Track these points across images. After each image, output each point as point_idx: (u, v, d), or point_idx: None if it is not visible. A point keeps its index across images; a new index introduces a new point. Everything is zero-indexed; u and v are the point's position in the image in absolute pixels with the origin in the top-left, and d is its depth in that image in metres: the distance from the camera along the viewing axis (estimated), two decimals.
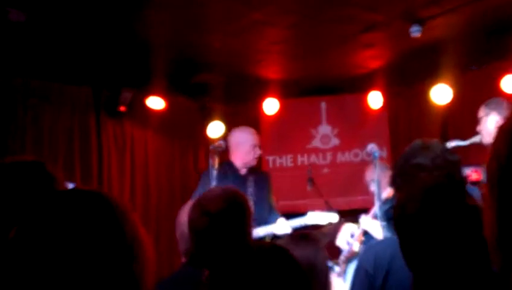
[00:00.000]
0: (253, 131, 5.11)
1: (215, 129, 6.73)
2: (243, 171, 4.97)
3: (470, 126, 4.77)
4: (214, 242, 2.43)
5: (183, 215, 2.84)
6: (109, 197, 1.29)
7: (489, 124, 4.43)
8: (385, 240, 3.16)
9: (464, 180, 2.72)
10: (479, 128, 4.53)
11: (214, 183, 4.62)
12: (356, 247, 4.97)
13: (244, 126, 5.19)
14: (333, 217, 4.82)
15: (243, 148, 4.94)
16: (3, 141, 5.62)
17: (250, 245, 2.49)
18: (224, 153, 5.05)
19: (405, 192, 1.96)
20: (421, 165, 2.41)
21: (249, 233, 2.52)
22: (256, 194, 4.85)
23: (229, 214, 2.46)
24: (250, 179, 4.93)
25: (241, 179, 4.89)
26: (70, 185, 5.16)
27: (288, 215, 4.92)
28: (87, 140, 6.29)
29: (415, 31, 5.19)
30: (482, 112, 4.52)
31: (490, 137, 4.43)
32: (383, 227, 4.40)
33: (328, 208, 5.16)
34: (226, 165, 4.97)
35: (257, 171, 5.16)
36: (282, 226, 4.76)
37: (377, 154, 4.49)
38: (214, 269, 2.41)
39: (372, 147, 4.52)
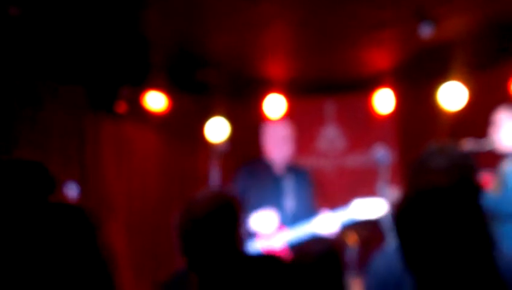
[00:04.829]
0: (282, 123, 4.90)
1: (217, 129, 6.59)
2: (279, 169, 4.74)
3: (481, 127, 4.66)
4: (201, 247, 2.39)
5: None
6: (87, 212, 1.42)
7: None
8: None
9: (479, 186, 2.60)
10: (494, 133, 4.40)
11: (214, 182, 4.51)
12: None
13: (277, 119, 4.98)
14: (381, 206, 4.38)
15: (268, 143, 4.74)
16: None
17: (239, 251, 2.44)
18: (227, 154, 4.93)
19: (413, 192, 1.87)
20: (436, 168, 2.32)
21: (239, 238, 2.45)
22: (296, 195, 4.65)
23: (217, 219, 2.40)
24: (288, 178, 4.70)
25: (276, 179, 4.68)
26: (71, 185, 5.04)
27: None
28: (83, 139, 6.18)
29: (425, 31, 5.08)
30: (501, 117, 4.40)
31: (509, 143, 4.36)
32: None
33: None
34: (258, 163, 4.78)
35: (296, 169, 4.86)
36: (325, 225, 4.49)
37: (385, 160, 4.36)
38: (203, 274, 2.36)
39: (381, 153, 4.39)
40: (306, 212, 4.64)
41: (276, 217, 4.55)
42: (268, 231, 4.52)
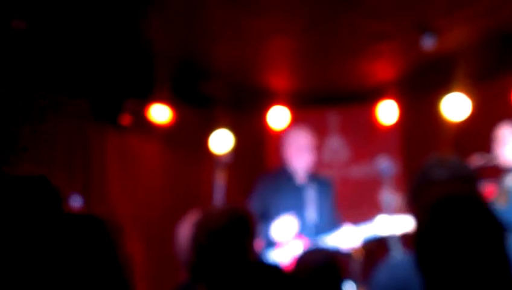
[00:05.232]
0: (305, 130, 4.78)
1: (221, 140, 6.59)
2: (301, 178, 4.69)
3: (484, 137, 4.67)
4: (214, 259, 2.42)
5: (182, 229, 2.86)
6: (104, 221, 1.40)
7: None
8: (402, 259, 3.05)
9: (481, 195, 2.61)
10: (497, 148, 4.41)
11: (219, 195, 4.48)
12: None
13: (300, 125, 4.87)
14: (407, 223, 4.14)
15: (289, 151, 4.68)
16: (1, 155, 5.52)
17: (250, 263, 2.46)
18: (231, 166, 4.93)
19: (419, 204, 1.87)
20: (437, 179, 2.33)
21: (251, 251, 2.49)
22: (318, 205, 4.58)
23: (231, 232, 2.43)
24: (310, 187, 4.63)
25: (298, 189, 4.63)
26: (76, 198, 5.03)
27: None
28: (88, 152, 6.19)
29: (428, 42, 5.09)
30: (504, 132, 4.41)
31: None
32: None
33: None
34: (280, 171, 4.73)
35: (318, 178, 4.79)
36: (347, 239, 4.42)
37: (388, 171, 4.36)
38: (211, 285, 2.38)
39: (384, 164, 4.39)
40: (328, 222, 4.58)
41: (296, 223, 4.47)
42: (288, 238, 4.45)
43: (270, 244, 4.51)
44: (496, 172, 4.43)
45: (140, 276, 6.24)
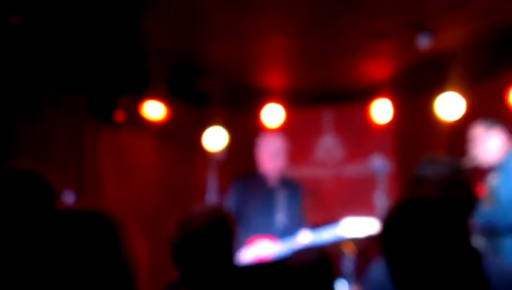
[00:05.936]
0: (276, 136, 4.92)
1: (215, 138, 6.60)
2: (273, 182, 4.78)
3: None
4: (194, 262, 2.39)
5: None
6: (108, 217, 1.39)
7: (492, 143, 4.35)
8: None
9: (471, 196, 2.61)
10: (475, 149, 4.40)
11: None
12: None
13: (272, 131, 4.99)
14: (372, 225, 4.23)
15: (262, 156, 4.77)
16: None
17: (231, 265, 2.44)
18: (224, 163, 4.93)
19: (396, 205, 1.88)
20: (424, 178, 2.35)
21: (232, 253, 2.46)
22: (287, 207, 4.69)
23: (210, 234, 2.40)
24: (281, 191, 4.73)
25: (270, 192, 4.72)
26: (69, 194, 5.01)
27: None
28: (83, 148, 6.18)
29: (423, 42, 5.10)
30: (479, 132, 4.40)
31: (493, 157, 4.35)
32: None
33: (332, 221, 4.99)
34: (253, 175, 4.82)
35: (289, 182, 4.89)
36: (304, 241, 4.46)
37: (382, 170, 4.37)
38: (194, 288, 2.36)
39: (378, 163, 4.40)
40: (296, 225, 4.68)
41: (271, 248, 4.55)
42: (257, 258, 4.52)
43: (240, 245, 4.56)
44: (479, 173, 4.42)
45: (145, 272, 6.24)
